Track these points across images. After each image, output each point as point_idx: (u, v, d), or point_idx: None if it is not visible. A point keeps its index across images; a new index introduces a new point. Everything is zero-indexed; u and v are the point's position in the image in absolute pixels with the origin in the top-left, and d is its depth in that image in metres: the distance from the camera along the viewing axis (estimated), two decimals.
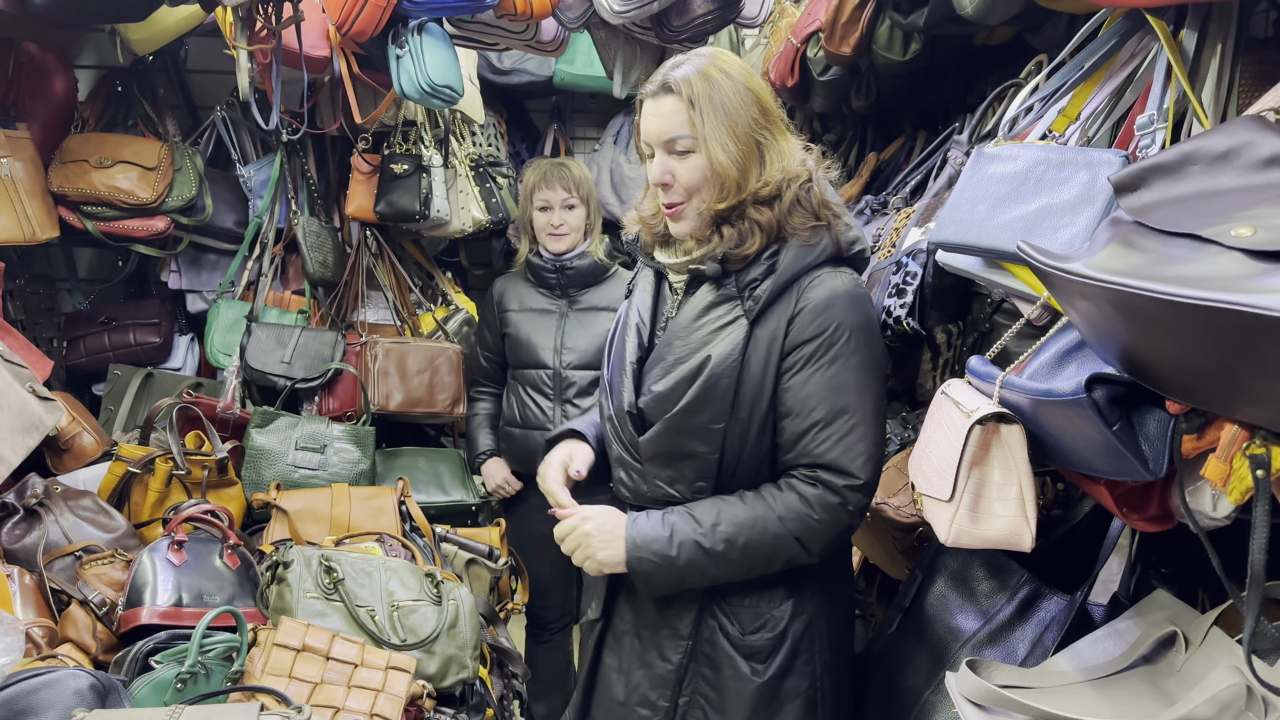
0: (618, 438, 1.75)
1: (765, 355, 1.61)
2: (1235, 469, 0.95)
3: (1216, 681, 1.14)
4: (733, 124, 1.58)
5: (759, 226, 1.60)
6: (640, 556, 1.62)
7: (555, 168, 2.97)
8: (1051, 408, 1.16)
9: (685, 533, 1.61)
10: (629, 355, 1.73)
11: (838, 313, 1.59)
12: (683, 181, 1.62)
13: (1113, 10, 1.58)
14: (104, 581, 2.05)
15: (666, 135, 1.61)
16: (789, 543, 1.60)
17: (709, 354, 1.62)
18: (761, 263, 1.62)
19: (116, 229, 2.93)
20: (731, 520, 1.60)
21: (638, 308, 1.78)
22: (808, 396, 1.59)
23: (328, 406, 3.04)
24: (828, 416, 1.58)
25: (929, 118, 2.82)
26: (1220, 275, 0.88)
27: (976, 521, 1.28)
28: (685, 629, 1.69)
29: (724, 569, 1.62)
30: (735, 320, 1.62)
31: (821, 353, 1.58)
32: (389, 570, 2.13)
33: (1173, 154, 1.08)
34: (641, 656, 1.74)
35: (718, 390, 1.61)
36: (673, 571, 1.62)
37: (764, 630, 1.67)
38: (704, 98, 1.58)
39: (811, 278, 1.61)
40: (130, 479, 2.38)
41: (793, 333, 1.60)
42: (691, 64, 1.62)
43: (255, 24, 2.47)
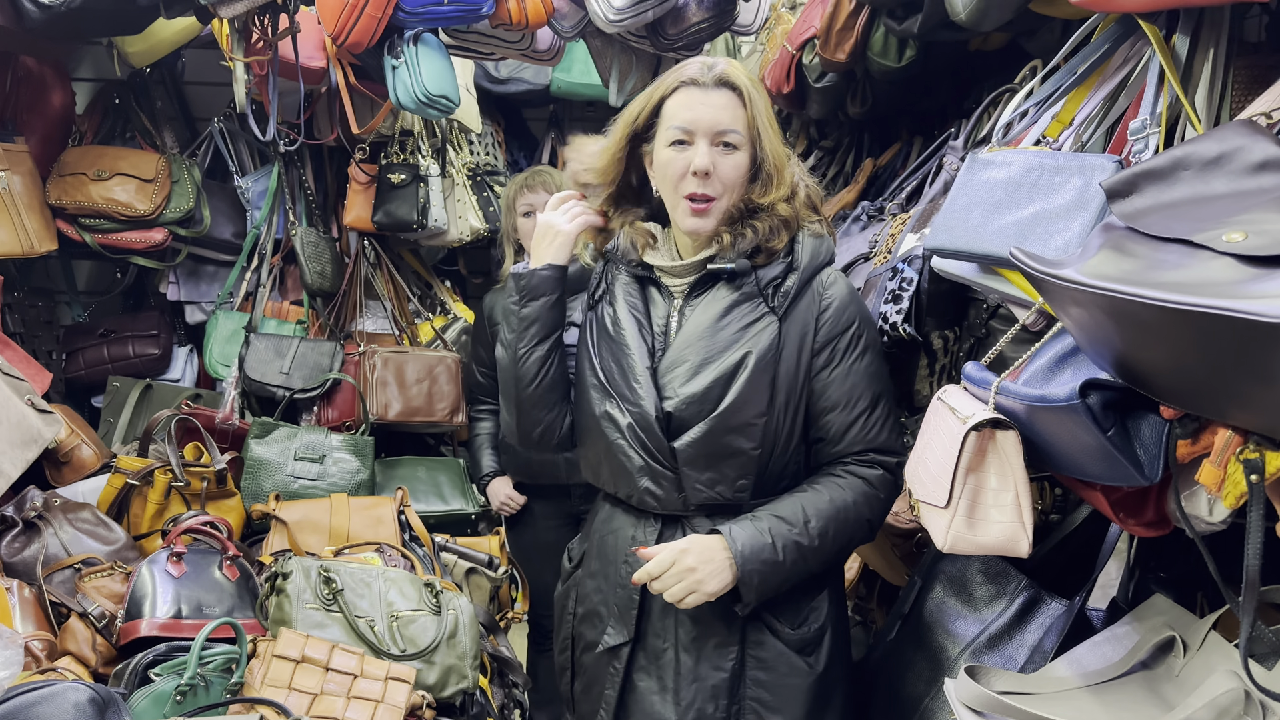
0: (642, 447, 1.69)
1: (797, 350, 1.66)
2: (1230, 474, 0.96)
3: (1214, 686, 1.14)
4: (771, 120, 1.66)
5: (784, 222, 1.67)
6: (751, 570, 1.60)
7: (535, 174, 2.95)
8: (1046, 413, 1.16)
9: (783, 534, 1.62)
10: (639, 360, 1.70)
11: (858, 307, 1.69)
12: (723, 176, 1.63)
13: (1105, 16, 1.58)
14: (103, 594, 2.05)
15: (721, 126, 1.62)
16: (863, 526, 1.68)
17: (748, 350, 1.64)
18: (780, 260, 1.68)
19: (115, 241, 2.94)
20: (818, 513, 1.64)
21: (631, 313, 1.74)
22: (852, 387, 1.66)
23: (327, 417, 3.04)
24: (871, 403, 1.67)
25: (925, 123, 2.82)
26: (1212, 281, 0.88)
27: (973, 528, 1.28)
28: (733, 635, 1.68)
29: (817, 560, 1.65)
30: (762, 318, 1.66)
31: (854, 345, 1.67)
32: (388, 580, 2.13)
33: (1164, 159, 1.08)
34: (693, 671, 1.69)
35: (760, 385, 1.64)
36: (780, 574, 1.62)
37: (810, 621, 1.70)
38: (757, 99, 1.64)
39: (827, 274, 1.70)
40: (129, 491, 2.38)
41: (823, 328, 1.67)
42: (733, 66, 1.67)
43: (252, 36, 2.48)
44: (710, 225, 1.65)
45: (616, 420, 1.72)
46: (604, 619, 1.79)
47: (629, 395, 1.70)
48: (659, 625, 1.72)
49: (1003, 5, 1.71)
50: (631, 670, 1.75)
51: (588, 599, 1.84)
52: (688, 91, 1.64)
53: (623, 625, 1.75)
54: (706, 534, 1.64)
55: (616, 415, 1.72)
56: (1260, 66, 1.46)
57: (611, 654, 1.76)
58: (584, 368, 1.80)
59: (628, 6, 2.19)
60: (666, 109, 1.66)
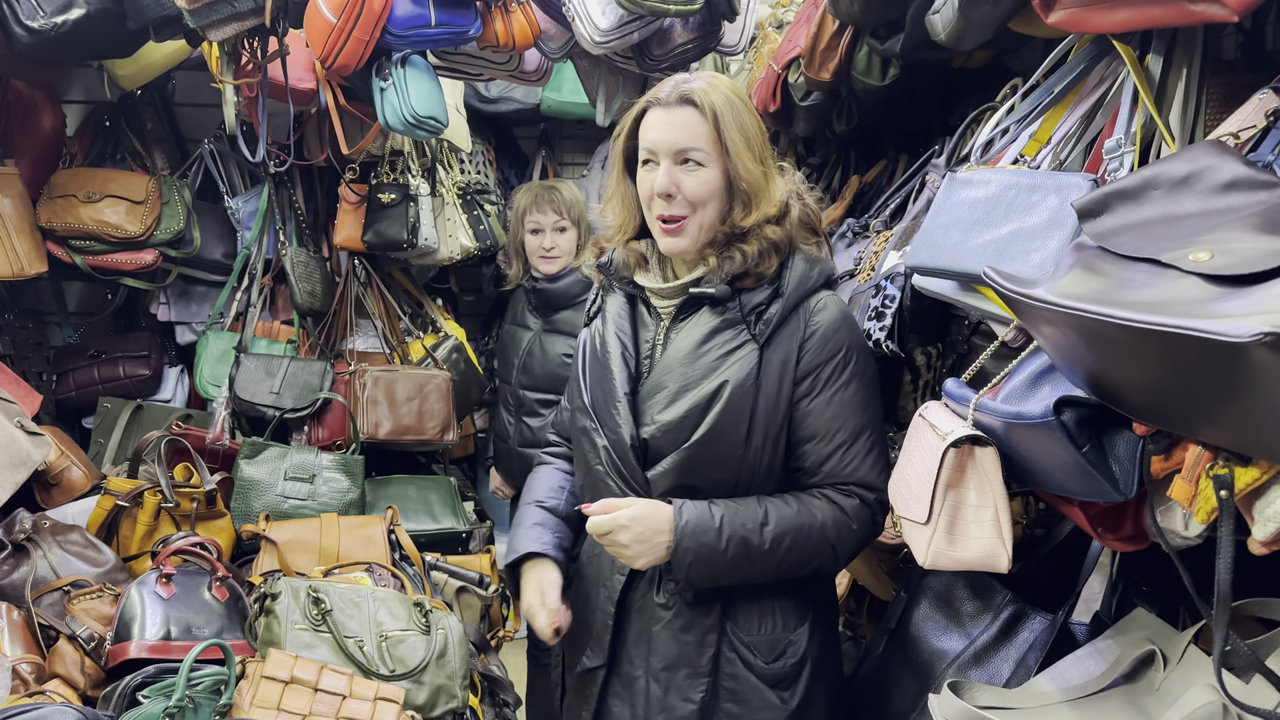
0: (618, 473, 1.68)
1: (778, 379, 1.61)
2: (1200, 489, 0.97)
3: (1192, 700, 1.15)
4: (748, 140, 1.60)
5: (774, 245, 1.62)
6: (686, 546, 1.56)
7: (546, 190, 3.01)
8: (1023, 430, 1.17)
9: (734, 525, 1.57)
10: (619, 385, 1.67)
11: (846, 335, 1.63)
12: (688, 194, 1.60)
13: (1081, 36, 1.60)
14: (92, 616, 2.05)
15: (681, 145, 1.59)
16: (826, 550, 1.61)
17: (724, 379, 1.59)
18: (766, 286, 1.63)
19: (105, 263, 2.94)
20: (779, 519, 1.59)
21: (617, 335, 1.72)
22: (832, 418, 1.61)
23: (317, 436, 3.04)
24: (851, 436, 1.61)
25: (911, 140, 2.85)
26: (1178, 300, 0.90)
27: (953, 543, 1.29)
28: (705, 665, 1.64)
29: (763, 568, 1.60)
30: (743, 345, 1.61)
31: (837, 374, 1.61)
32: (377, 600, 2.13)
33: (1135, 179, 1.10)
34: (662, 701, 1.66)
35: (737, 416, 1.59)
36: (717, 563, 1.57)
37: (785, 656, 1.65)
38: (726, 114, 1.59)
39: (816, 300, 1.64)
40: (119, 512, 2.38)
41: (806, 356, 1.61)
42: (703, 80, 1.63)
43: (241, 58, 2.50)
44: (684, 244, 1.63)
45: (596, 444, 1.71)
46: (584, 641, 1.78)
47: (609, 420, 1.69)
48: (633, 651, 1.70)
49: (981, 26, 1.73)
50: (606, 694, 1.74)
51: (574, 619, 1.82)
52: (653, 111, 1.63)
53: (599, 649, 1.73)
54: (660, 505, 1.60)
55: (596, 439, 1.71)
56: (1234, 85, 1.48)
57: (589, 676, 1.76)
58: (576, 388, 1.79)
59: (613, 28, 2.21)
60: (640, 129, 1.65)
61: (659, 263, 1.74)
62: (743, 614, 1.65)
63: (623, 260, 1.73)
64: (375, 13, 2.13)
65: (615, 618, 1.71)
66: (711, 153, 1.59)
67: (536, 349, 3.05)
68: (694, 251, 1.64)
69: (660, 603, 1.67)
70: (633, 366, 1.70)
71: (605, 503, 1.62)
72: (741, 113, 1.61)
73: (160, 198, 2.99)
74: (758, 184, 1.61)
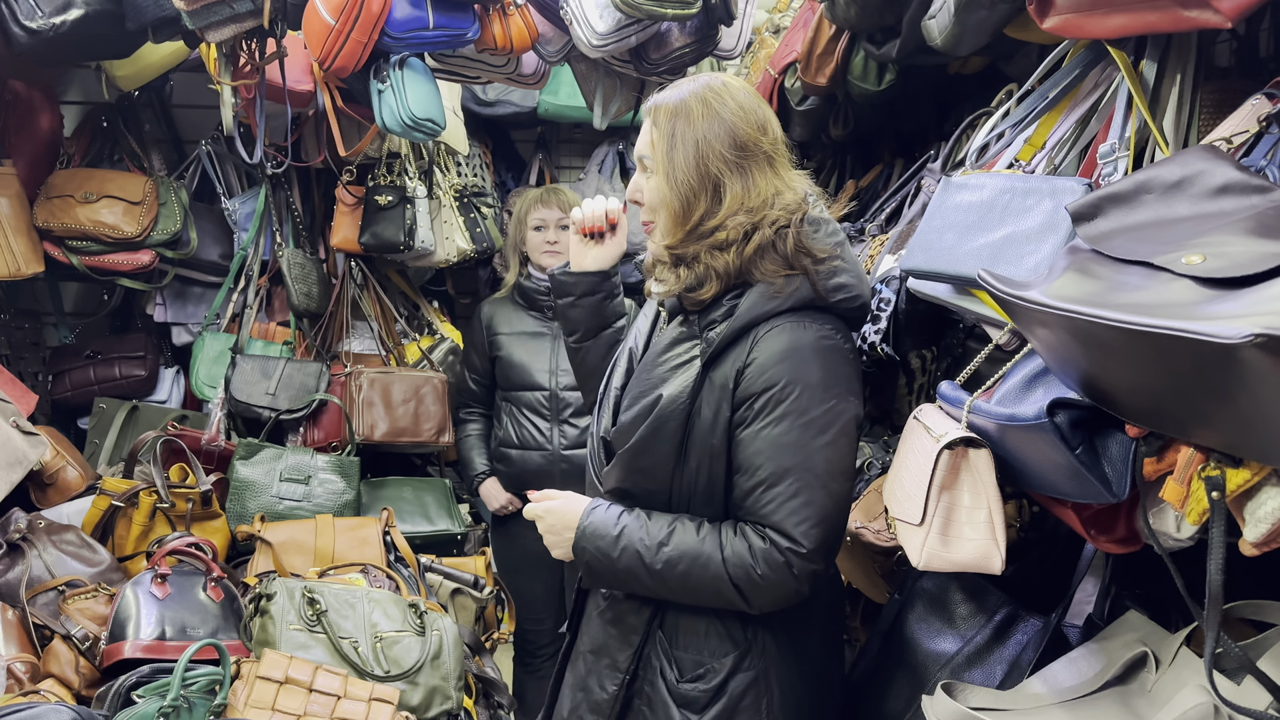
0: (594, 464, 1.76)
1: (717, 403, 1.53)
2: (1192, 491, 0.97)
3: (1184, 701, 1.15)
4: (697, 157, 1.54)
5: (715, 272, 1.54)
6: (584, 546, 1.61)
7: (550, 191, 3.04)
8: (1017, 432, 1.18)
9: (631, 539, 1.56)
10: (616, 381, 1.74)
11: (789, 368, 1.48)
12: (646, 200, 1.64)
13: (1076, 41, 1.61)
14: (87, 616, 2.05)
15: (641, 152, 1.64)
16: (728, 587, 1.51)
17: (660, 393, 1.57)
18: (723, 304, 1.56)
19: (102, 263, 2.94)
20: (679, 545, 1.53)
21: (636, 333, 1.78)
22: (754, 454, 1.50)
23: (313, 438, 3.05)
24: (772, 478, 1.49)
25: (906, 145, 2.86)
26: (1170, 302, 0.90)
27: (947, 545, 1.29)
28: (624, 663, 1.65)
29: (660, 587, 1.57)
30: (691, 360, 1.56)
31: (770, 409, 1.49)
32: (372, 601, 2.13)
33: (1128, 183, 1.11)
34: (583, 680, 1.73)
35: (665, 432, 1.55)
36: (613, 572, 1.59)
37: (701, 680, 1.59)
38: (665, 122, 1.58)
39: (769, 326, 1.51)
40: (114, 513, 2.38)
41: (742, 384, 1.51)
42: (679, 88, 1.62)
43: (239, 59, 2.50)
44: (652, 247, 1.66)
45: (592, 432, 1.80)
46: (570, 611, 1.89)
47: (598, 413, 1.78)
48: (583, 630, 1.79)
49: (977, 31, 1.74)
50: (568, 660, 1.84)
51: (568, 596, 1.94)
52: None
53: (569, 620, 1.85)
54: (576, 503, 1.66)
55: (592, 427, 1.80)
56: (1229, 91, 1.49)
57: (562, 640, 1.89)
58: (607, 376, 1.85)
59: (610, 31, 2.21)
60: None
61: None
62: (676, 625, 1.63)
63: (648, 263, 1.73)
64: (374, 14, 2.13)
65: (577, 593, 1.81)
66: (659, 163, 1.60)
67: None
68: (655, 260, 1.67)
69: (603, 592, 1.72)
70: (629, 365, 1.75)
71: (543, 493, 1.72)
72: (694, 120, 1.55)
73: (157, 198, 2.99)
74: (669, 202, 1.57)
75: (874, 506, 2.09)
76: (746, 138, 1.56)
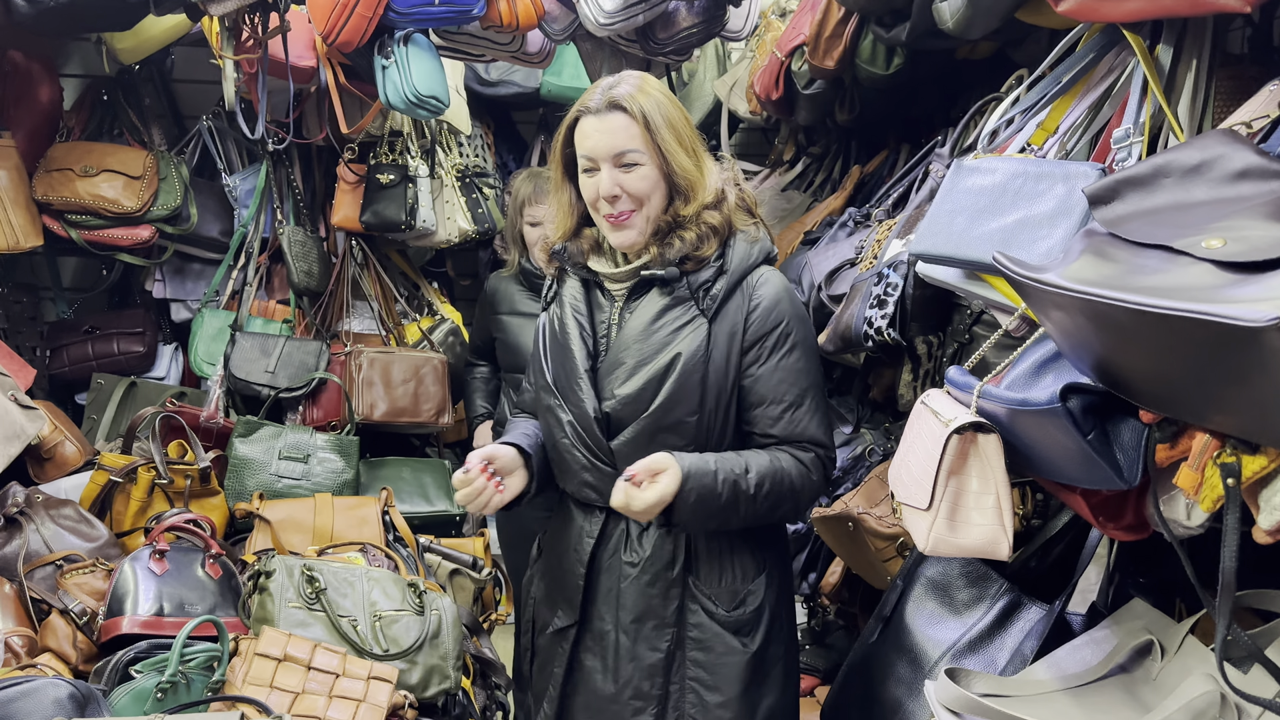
0: (583, 444, 1.78)
1: (726, 349, 1.72)
2: (1207, 478, 0.97)
3: (1191, 689, 1.15)
4: (678, 136, 1.70)
5: (713, 229, 1.72)
6: (690, 489, 1.64)
7: (546, 183, 2.98)
8: (1028, 417, 1.17)
9: (726, 470, 1.67)
10: (580, 363, 1.78)
11: (786, 306, 1.74)
12: (633, 191, 1.70)
13: (1091, 25, 1.59)
14: (85, 591, 2.04)
15: (618, 149, 1.68)
16: (792, 498, 1.73)
17: (678, 352, 1.71)
18: (710, 265, 1.73)
19: (101, 238, 2.93)
20: (758, 466, 1.70)
21: (575, 316, 1.82)
22: (778, 383, 1.72)
23: (312, 416, 3.03)
24: (798, 398, 1.73)
25: (912, 131, 2.85)
26: (1190, 286, 0.89)
27: (954, 530, 1.28)
28: (670, 616, 1.76)
29: (748, 512, 1.69)
30: (693, 320, 1.73)
31: (781, 343, 1.73)
32: (371, 580, 2.13)
33: (1146, 167, 1.10)
34: (631, 650, 1.77)
35: (690, 385, 1.71)
36: (713, 505, 1.66)
37: (745, 605, 1.77)
38: (655, 114, 1.68)
39: (757, 275, 1.75)
40: (112, 488, 2.37)
41: (752, 327, 1.73)
42: (629, 83, 1.72)
43: (242, 34, 2.48)
44: (633, 236, 1.73)
45: (560, 419, 1.81)
46: (556, 603, 1.89)
47: (572, 396, 1.79)
48: (602, 609, 1.81)
49: (989, 14, 1.73)
50: (578, 650, 1.85)
51: (544, 585, 1.95)
52: (585, 120, 1.71)
53: (570, 609, 1.84)
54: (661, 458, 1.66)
55: (561, 414, 1.81)
56: (1242, 77, 1.48)
57: (561, 635, 1.86)
58: (540, 368, 1.88)
59: (618, 10, 2.19)
60: (575, 138, 1.74)
61: (610, 249, 1.82)
62: (704, 568, 1.77)
63: (576, 248, 1.83)
64: None
65: (585, 578, 1.81)
66: (647, 152, 1.69)
67: None
68: (642, 243, 1.74)
69: (628, 560, 1.78)
70: (590, 345, 1.81)
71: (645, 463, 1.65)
72: (669, 110, 1.71)
73: (158, 173, 2.98)
74: (693, 176, 1.72)
75: (876, 492, 2.09)
76: (684, 112, 1.76)
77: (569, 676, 1.86)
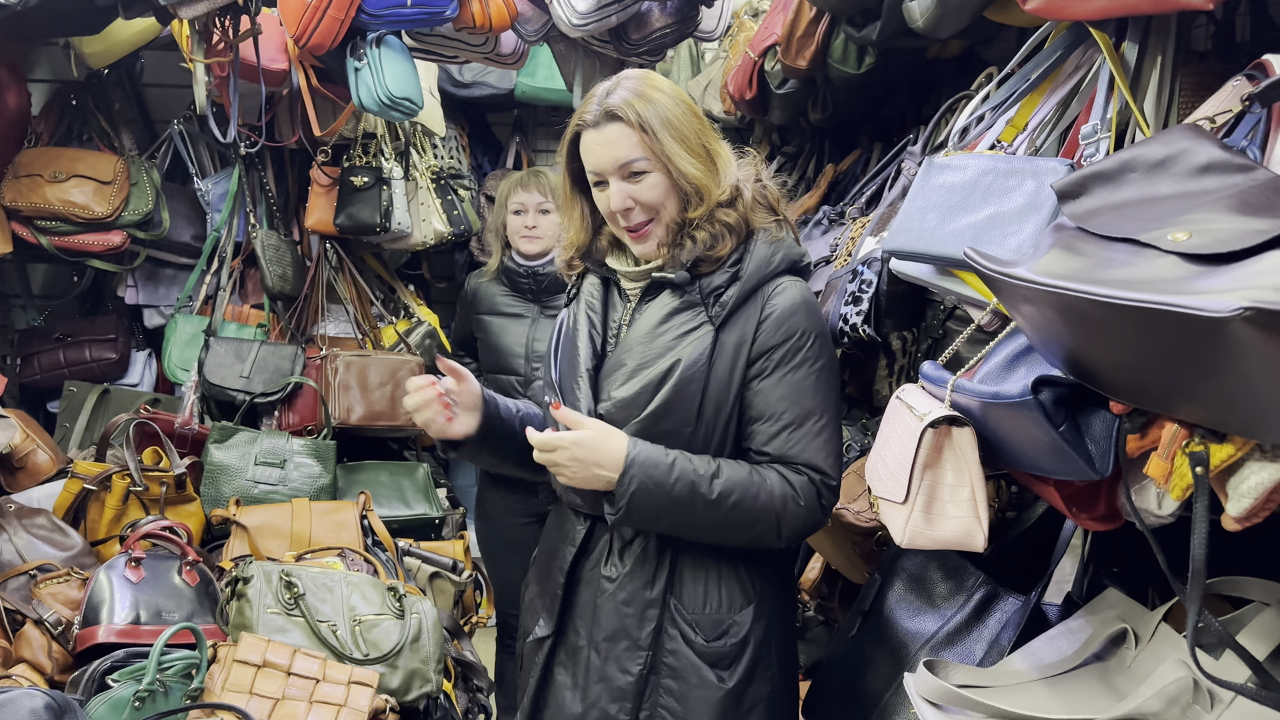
0: None
1: (731, 360, 1.63)
2: (1176, 467, 0.98)
3: (1164, 675, 1.17)
4: (683, 137, 1.62)
5: (728, 228, 1.64)
6: (633, 475, 1.57)
7: (531, 174, 2.98)
8: (1000, 410, 1.18)
9: (684, 469, 1.59)
10: (583, 361, 1.72)
11: (801, 319, 1.64)
12: (645, 201, 1.63)
13: (1058, 23, 1.61)
14: (60, 600, 2.02)
15: (621, 161, 1.62)
16: (769, 519, 1.61)
17: (678, 358, 1.63)
18: (725, 270, 1.65)
19: (72, 244, 2.90)
20: (730, 478, 1.60)
21: (588, 313, 1.77)
22: (779, 400, 1.63)
23: (288, 421, 3.02)
24: (799, 418, 1.62)
25: (884, 130, 2.87)
26: (1157, 278, 0.91)
27: (930, 523, 1.30)
28: (645, 639, 1.67)
29: (705, 521, 1.60)
30: (700, 326, 1.64)
31: (789, 358, 1.63)
32: (350, 585, 2.12)
33: (1113, 162, 1.11)
34: (600, 670, 1.70)
35: (687, 394, 1.63)
36: (660, 498, 1.58)
37: (727, 636, 1.66)
38: (652, 118, 1.60)
39: (774, 284, 1.65)
40: (86, 496, 2.35)
41: (760, 338, 1.63)
42: (625, 88, 1.64)
43: (213, 37, 2.46)
44: (652, 246, 1.67)
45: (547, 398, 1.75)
46: (538, 611, 1.83)
47: (569, 395, 1.73)
48: (579, 622, 1.74)
49: (958, 13, 1.74)
50: (552, 662, 1.79)
51: (532, 591, 1.89)
52: (586, 135, 1.65)
53: (549, 619, 1.77)
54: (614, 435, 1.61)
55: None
56: (1206, 74, 1.50)
57: (538, 644, 1.80)
58: (547, 364, 1.82)
59: (591, 10, 2.20)
60: (580, 153, 1.68)
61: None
62: (687, 590, 1.68)
63: (596, 245, 1.78)
64: None
65: (565, 588, 1.75)
66: (651, 158, 1.62)
67: (544, 334, 2.94)
68: (662, 246, 1.68)
69: (606, 575, 1.71)
70: (598, 344, 1.74)
71: (567, 413, 1.62)
72: (669, 111, 1.62)
73: (129, 178, 2.95)
74: (699, 179, 1.63)
75: (854, 488, 2.10)
76: (698, 111, 1.68)
77: (540, 689, 1.80)
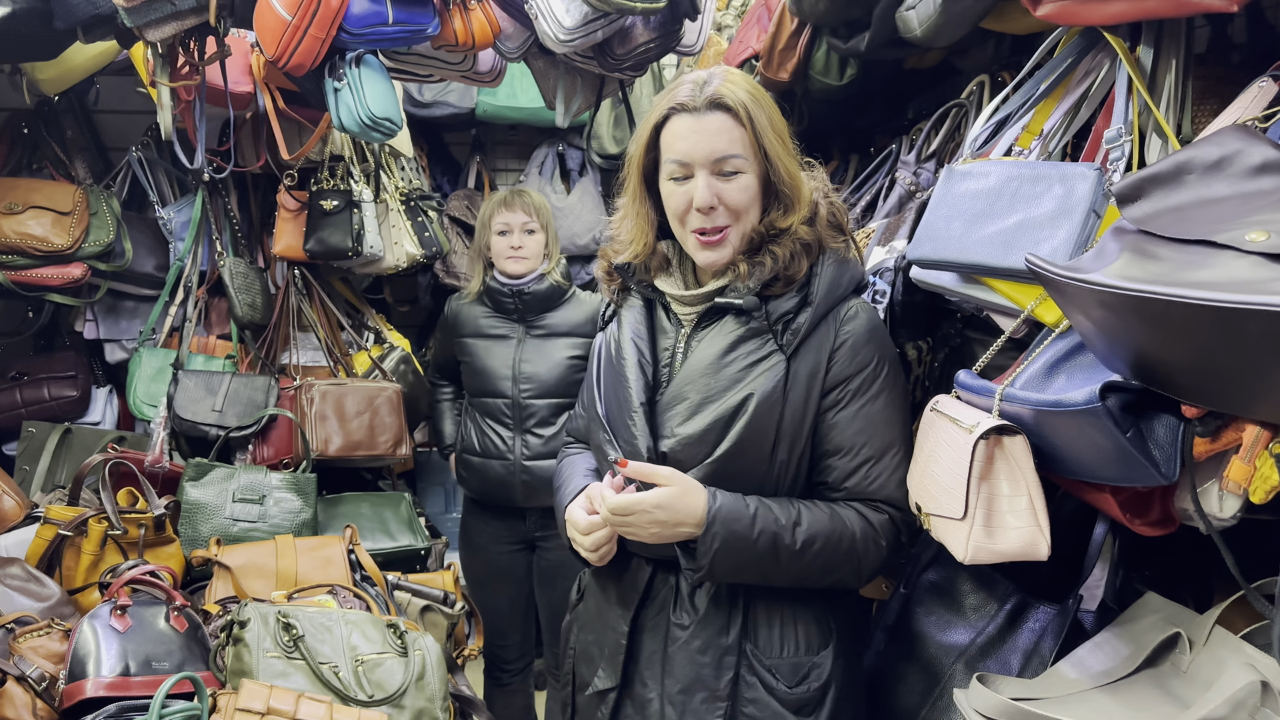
0: (634, 487, 1.55)
1: (805, 391, 1.53)
2: (1259, 468, 0.97)
3: (1233, 681, 1.16)
4: (783, 140, 1.53)
5: (805, 246, 1.54)
6: (715, 532, 1.47)
7: (514, 194, 2.91)
8: (1060, 418, 1.16)
9: (766, 520, 1.49)
10: (635, 395, 1.59)
11: (875, 347, 1.55)
12: (731, 203, 1.51)
13: (1069, 29, 1.62)
14: (41, 654, 1.91)
15: (719, 154, 1.49)
16: (851, 563, 1.53)
17: (750, 392, 1.51)
18: (794, 294, 1.54)
19: (29, 278, 2.77)
20: (812, 525, 1.51)
21: (634, 340, 1.63)
22: (858, 432, 1.53)
23: (262, 455, 2.91)
24: (879, 452, 1.54)
25: (857, 141, 2.88)
26: (1244, 279, 0.90)
27: (992, 536, 1.28)
28: (723, 689, 1.56)
29: (788, 570, 1.51)
30: (770, 355, 1.53)
31: (866, 386, 1.54)
32: (349, 623, 2.04)
33: (1168, 164, 1.11)
34: None
35: (762, 430, 1.51)
36: (743, 554, 1.48)
37: (810, 680, 1.57)
38: (760, 116, 1.50)
39: (846, 308, 1.56)
40: (61, 542, 2.23)
41: (835, 367, 1.53)
42: (727, 80, 1.52)
43: (178, 60, 2.37)
44: (726, 255, 1.54)
45: (610, 458, 1.60)
46: (596, 660, 1.70)
47: (623, 431, 1.60)
48: (646, 673, 1.62)
49: (960, 21, 1.74)
50: (618, 717, 1.67)
51: (584, 638, 1.75)
52: (679, 119, 1.52)
53: (611, 670, 1.65)
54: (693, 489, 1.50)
55: (609, 451, 1.61)
56: (1210, 77, 1.52)
57: (600, 698, 1.68)
58: (592, 396, 1.71)
59: (578, 26, 2.16)
60: (663, 139, 1.55)
61: (680, 265, 1.65)
62: (763, 635, 1.58)
63: (643, 263, 1.64)
64: (333, 9, 2.04)
65: (629, 637, 1.63)
66: (750, 157, 1.51)
67: (532, 355, 2.88)
68: (732, 260, 1.56)
69: (677, 622, 1.60)
70: (650, 375, 1.61)
71: (641, 468, 1.50)
72: (769, 109, 1.53)
73: (88, 208, 2.83)
74: (797, 183, 1.54)
75: None
76: (778, 111, 1.57)
77: None
